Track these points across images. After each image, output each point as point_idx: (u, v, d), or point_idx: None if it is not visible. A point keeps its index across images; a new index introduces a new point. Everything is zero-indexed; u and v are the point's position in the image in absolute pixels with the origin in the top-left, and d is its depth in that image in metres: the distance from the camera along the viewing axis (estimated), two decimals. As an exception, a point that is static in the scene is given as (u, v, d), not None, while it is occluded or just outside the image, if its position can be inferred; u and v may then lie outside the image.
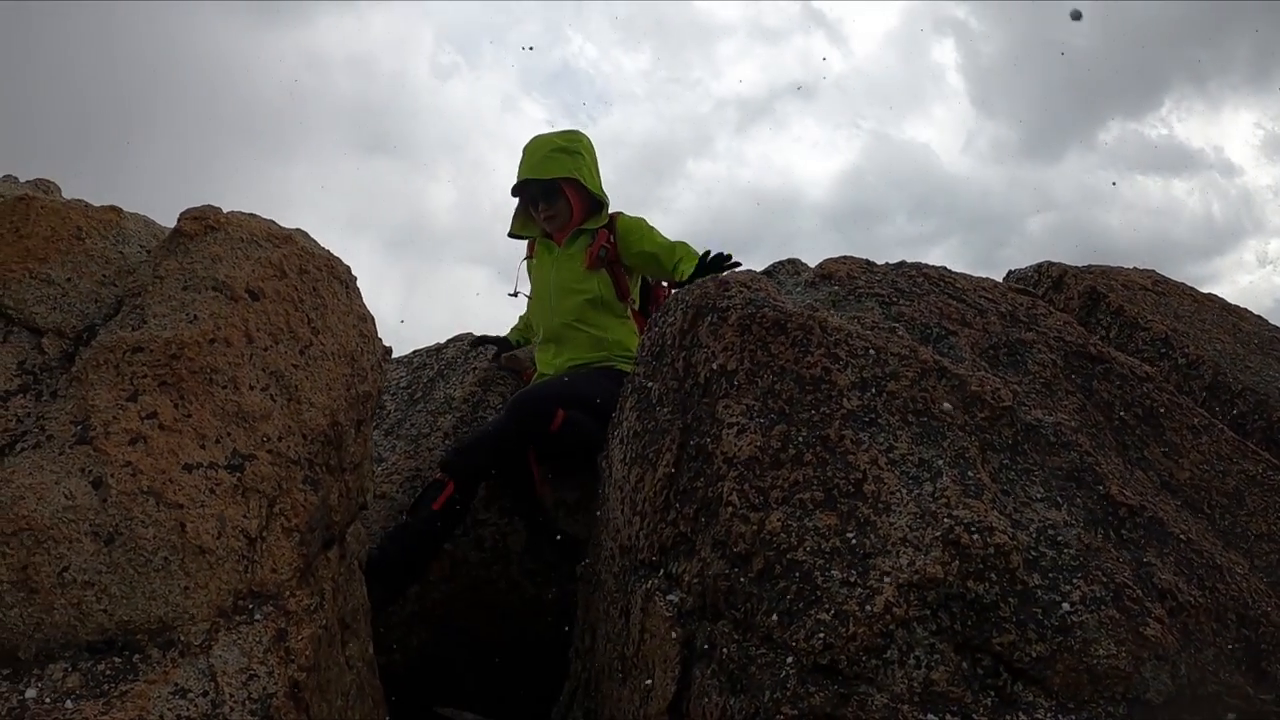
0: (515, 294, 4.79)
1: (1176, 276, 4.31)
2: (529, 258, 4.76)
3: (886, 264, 3.41)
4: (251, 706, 2.16)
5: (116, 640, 2.14)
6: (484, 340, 5.07)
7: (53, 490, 2.21)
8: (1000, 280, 3.66)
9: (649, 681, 2.66)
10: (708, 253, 3.99)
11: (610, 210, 4.56)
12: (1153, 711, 2.17)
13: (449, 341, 5.43)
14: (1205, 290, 4.47)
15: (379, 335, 3.28)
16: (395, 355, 5.39)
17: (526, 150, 4.43)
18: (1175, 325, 3.58)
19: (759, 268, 3.81)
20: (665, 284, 4.68)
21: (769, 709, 2.17)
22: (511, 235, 4.72)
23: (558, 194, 4.40)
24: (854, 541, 2.35)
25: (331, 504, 2.74)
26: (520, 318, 5.09)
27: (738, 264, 3.81)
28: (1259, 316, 4.56)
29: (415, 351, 5.46)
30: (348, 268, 3.19)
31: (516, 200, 4.67)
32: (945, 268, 3.42)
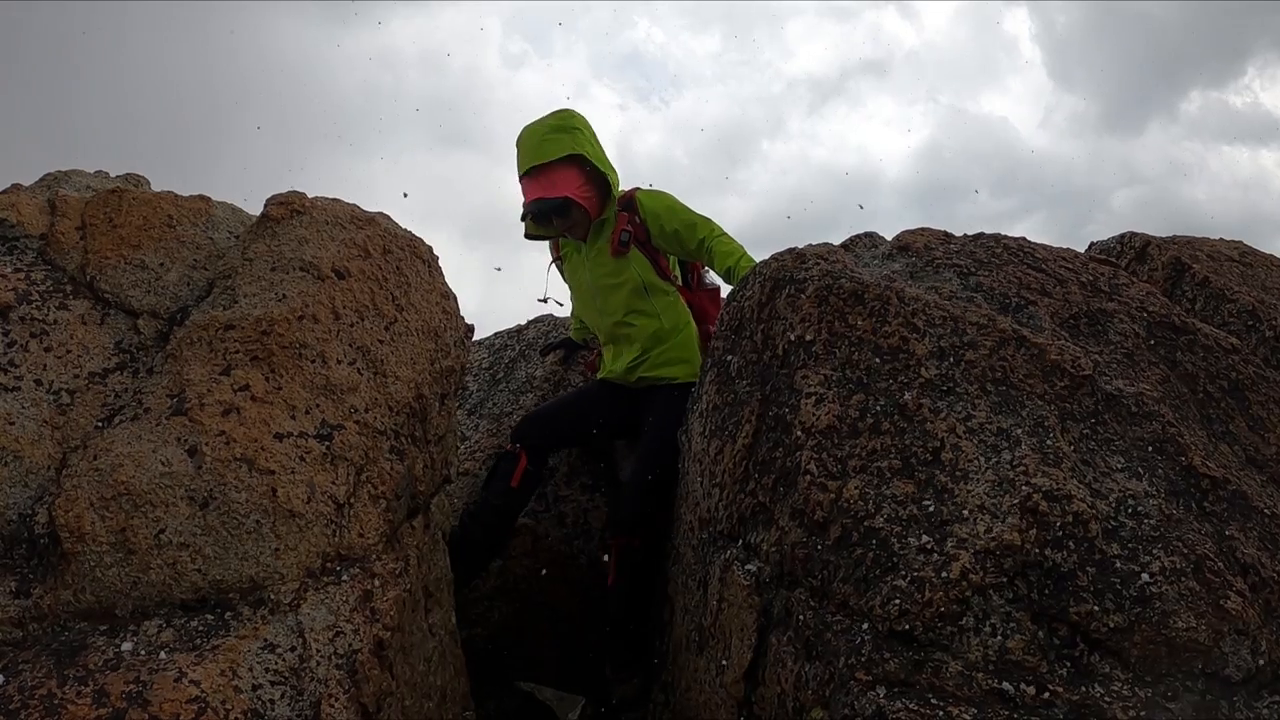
0: (545, 299, 4.65)
1: (1269, 251, 4.16)
2: (557, 259, 4.60)
3: (965, 235, 3.37)
4: (338, 661, 2.24)
5: (209, 598, 2.23)
6: (551, 347, 5.04)
7: (150, 458, 2.31)
8: (1082, 251, 3.59)
9: (725, 651, 2.68)
10: None
11: (623, 188, 4.32)
12: (1232, 689, 2.13)
13: (530, 323, 5.48)
14: (1299, 265, 4.33)
15: (461, 314, 3.35)
16: (477, 338, 5.44)
17: (521, 140, 4.18)
18: (1263, 297, 3.47)
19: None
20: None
21: (843, 674, 2.18)
22: (529, 237, 4.41)
23: (568, 208, 4.15)
24: (931, 509, 2.35)
25: (416, 474, 2.82)
26: (573, 315, 4.95)
27: None
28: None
29: (497, 333, 5.51)
30: (429, 247, 3.27)
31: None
32: (1025, 238, 3.37)
